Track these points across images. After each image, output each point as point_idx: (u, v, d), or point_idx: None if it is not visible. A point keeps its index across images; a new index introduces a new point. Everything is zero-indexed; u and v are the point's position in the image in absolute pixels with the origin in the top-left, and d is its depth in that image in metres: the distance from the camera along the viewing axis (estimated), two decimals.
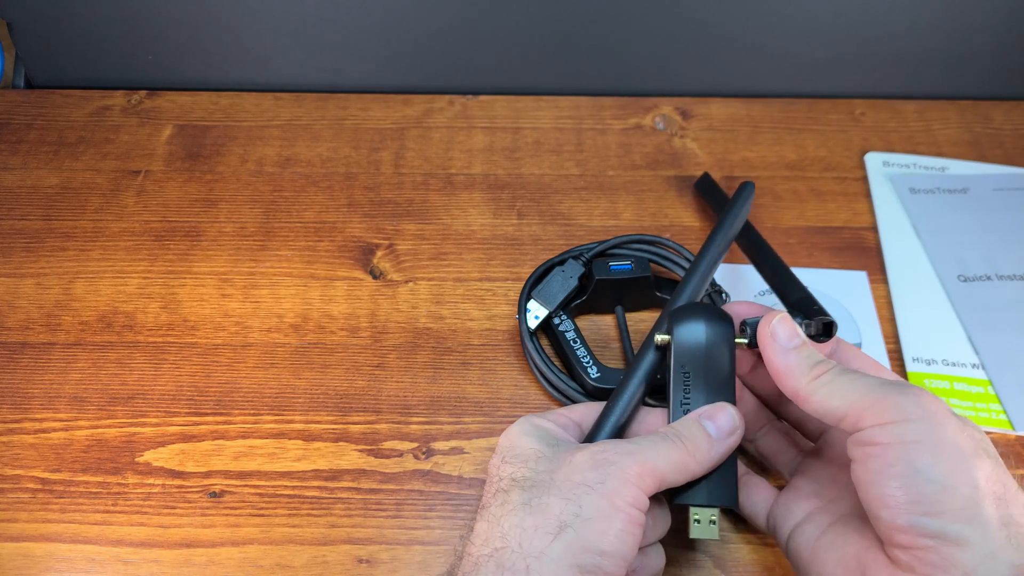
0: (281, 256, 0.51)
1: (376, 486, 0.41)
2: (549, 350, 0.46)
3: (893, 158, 0.57)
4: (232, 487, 0.41)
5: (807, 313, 0.38)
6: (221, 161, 0.56)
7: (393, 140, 0.57)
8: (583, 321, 0.48)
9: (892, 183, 0.55)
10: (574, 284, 0.46)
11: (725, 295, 0.46)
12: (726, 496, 0.35)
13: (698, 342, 0.36)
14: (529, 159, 0.56)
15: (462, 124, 0.58)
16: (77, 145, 0.56)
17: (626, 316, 0.48)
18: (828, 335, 0.37)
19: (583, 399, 0.43)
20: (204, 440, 0.43)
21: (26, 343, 0.46)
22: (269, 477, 0.41)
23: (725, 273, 0.50)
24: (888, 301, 0.49)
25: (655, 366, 0.38)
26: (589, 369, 0.43)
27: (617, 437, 0.36)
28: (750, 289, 0.49)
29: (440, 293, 0.49)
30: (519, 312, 0.45)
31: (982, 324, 0.47)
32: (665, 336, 0.37)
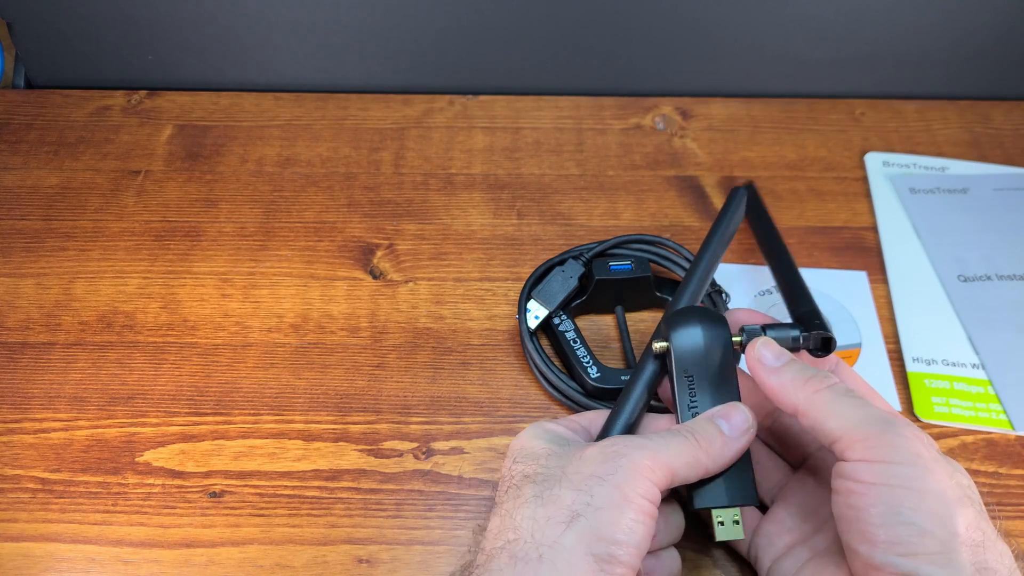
0: (281, 256, 0.51)
1: (376, 486, 0.41)
2: (549, 350, 0.46)
3: (893, 158, 0.57)
4: (232, 487, 0.41)
5: (808, 327, 0.37)
6: (221, 161, 0.56)
7: (393, 140, 0.57)
8: (583, 321, 0.48)
9: (892, 183, 0.55)
10: (574, 284, 0.46)
11: (726, 295, 0.46)
12: (746, 495, 0.35)
13: (696, 345, 0.36)
14: (529, 159, 0.56)
15: (462, 124, 0.58)
16: (77, 145, 0.56)
17: (626, 316, 0.48)
18: (826, 351, 0.37)
19: (583, 399, 0.43)
20: (204, 440, 0.43)
21: (26, 343, 0.46)
22: (269, 477, 0.41)
23: (725, 273, 0.50)
24: (888, 301, 0.49)
25: (660, 368, 0.38)
26: (589, 369, 0.43)
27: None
28: (750, 289, 0.49)
29: (440, 293, 0.49)
30: (519, 312, 0.45)
31: (982, 324, 0.47)
32: (663, 343, 0.37)
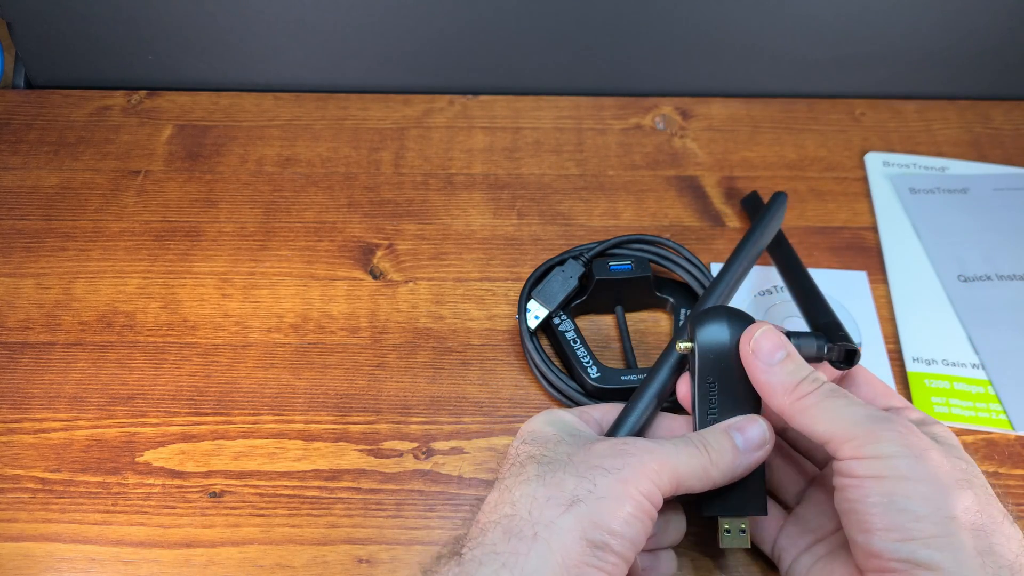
0: (281, 256, 0.51)
1: (376, 486, 0.41)
2: (549, 350, 0.46)
3: (893, 158, 0.57)
4: (232, 487, 0.41)
5: (831, 338, 0.36)
6: (221, 161, 0.56)
7: (393, 140, 0.57)
8: (583, 321, 0.48)
9: (892, 183, 0.55)
10: (574, 284, 0.46)
11: None
12: (756, 506, 0.35)
13: (722, 347, 0.35)
14: (529, 159, 0.56)
15: (462, 124, 0.58)
16: (77, 145, 0.56)
17: (626, 316, 0.48)
18: (849, 364, 0.36)
19: (583, 399, 0.43)
20: (204, 440, 0.43)
21: (26, 343, 0.46)
22: (269, 477, 0.41)
23: None
24: (888, 301, 0.49)
25: (677, 369, 0.37)
26: (589, 369, 0.43)
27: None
28: (750, 289, 0.49)
29: (440, 293, 0.49)
30: (519, 312, 0.45)
31: (982, 324, 0.47)
32: (688, 343, 0.36)
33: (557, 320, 0.45)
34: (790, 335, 0.36)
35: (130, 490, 0.41)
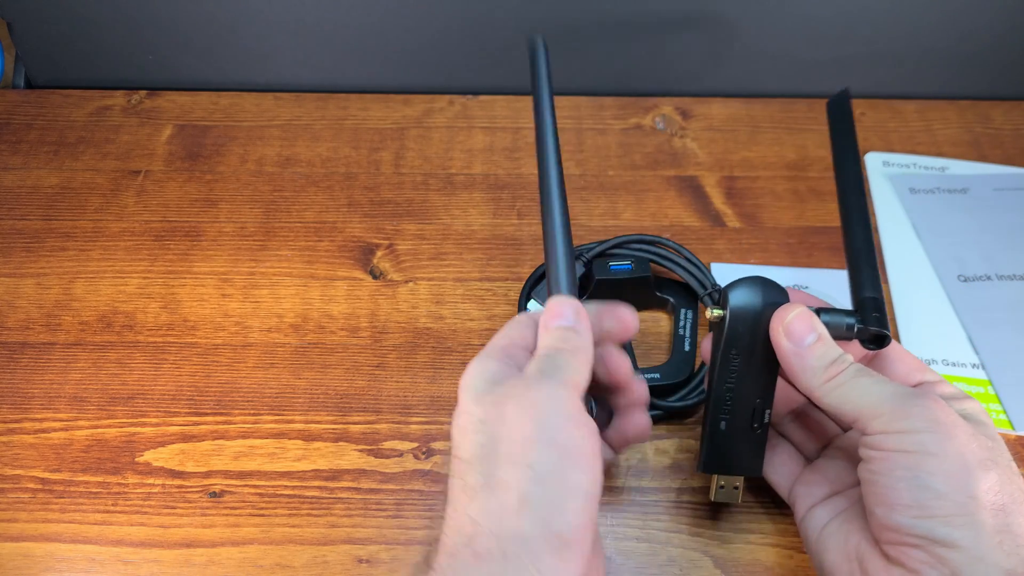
0: (281, 256, 0.51)
1: (376, 486, 0.41)
2: None
3: (893, 158, 0.57)
4: (232, 487, 0.41)
5: (865, 317, 0.35)
6: (221, 161, 0.56)
7: (393, 140, 0.57)
8: None
9: (892, 183, 0.55)
10: None
11: None
12: (752, 466, 0.37)
13: (753, 320, 0.35)
14: (529, 159, 0.56)
15: (462, 124, 0.58)
16: (77, 145, 0.57)
17: None
18: (879, 346, 0.36)
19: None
20: (204, 440, 0.43)
21: (26, 343, 0.46)
22: (269, 477, 0.41)
23: (727, 273, 0.50)
24: (888, 301, 0.49)
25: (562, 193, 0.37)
26: None
27: (576, 289, 0.35)
28: None
29: (440, 293, 0.49)
30: (519, 312, 0.45)
31: (982, 324, 0.47)
32: (719, 311, 0.35)
33: None
34: (821, 312, 0.35)
35: (130, 490, 0.41)
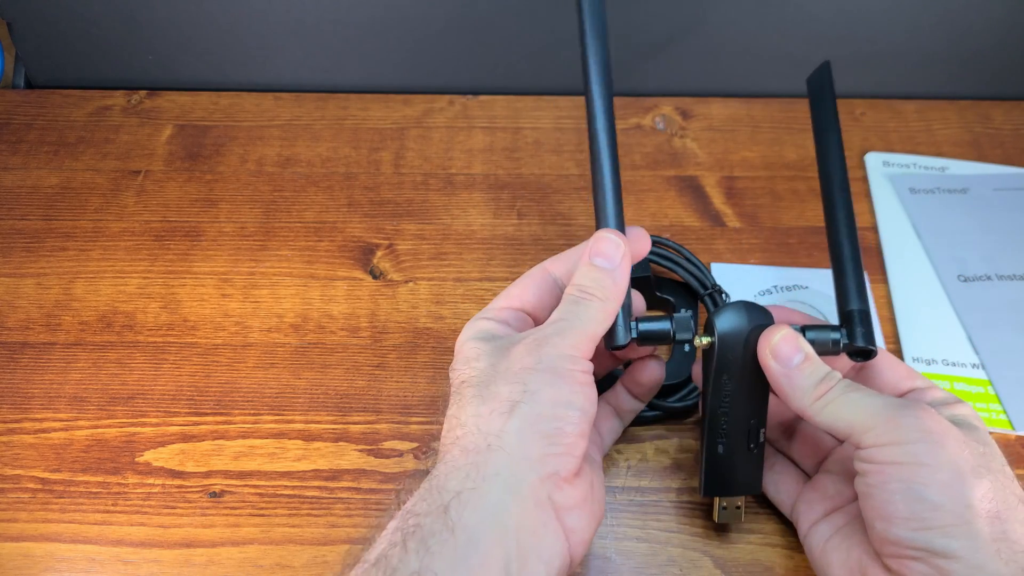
0: (281, 256, 0.51)
1: (376, 486, 0.41)
2: None
3: (893, 158, 0.57)
4: (232, 487, 0.41)
5: (852, 332, 0.36)
6: (221, 161, 0.56)
7: (393, 140, 0.57)
8: None
9: (892, 183, 0.55)
10: None
11: (725, 296, 0.46)
12: (753, 486, 0.38)
13: (740, 344, 0.35)
14: (529, 159, 0.56)
15: (462, 124, 0.58)
16: (77, 145, 0.56)
17: None
18: (866, 358, 0.37)
19: None
20: (204, 440, 0.43)
21: (26, 343, 0.46)
22: (269, 477, 0.41)
23: (725, 273, 0.50)
24: (888, 301, 0.49)
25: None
26: None
27: (622, 223, 0.37)
28: (750, 289, 0.49)
29: (440, 293, 0.49)
30: None
31: (982, 324, 0.47)
32: (708, 339, 0.36)
33: None
34: (807, 329, 0.36)
35: (130, 490, 0.41)
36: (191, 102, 0.59)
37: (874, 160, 0.57)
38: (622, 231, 0.36)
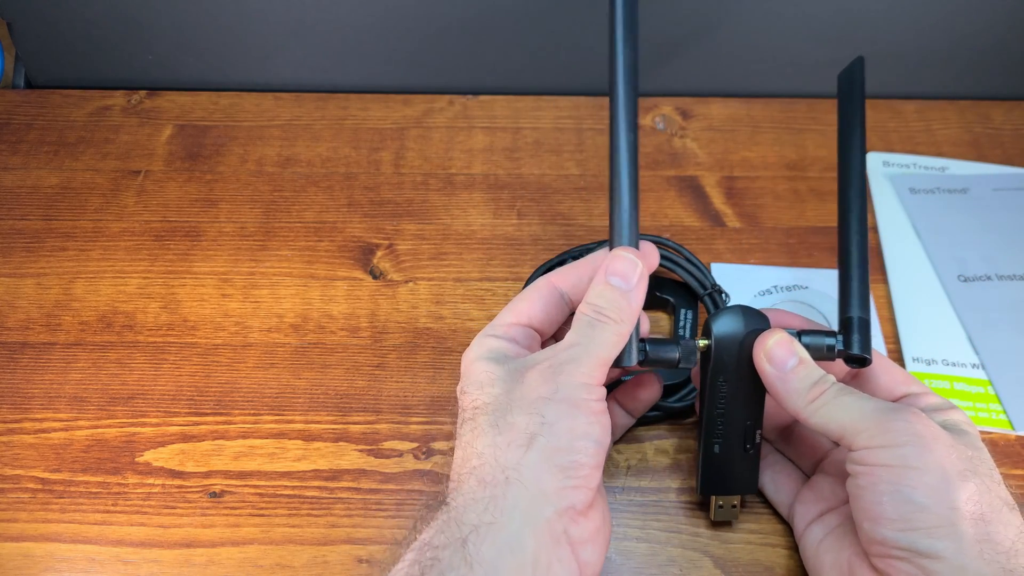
0: (281, 256, 0.51)
1: (376, 486, 0.41)
2: None
3: (893, 158, 0.57)
4: (232, 487, 0.41)
5: (848, 339, 0.36)
6: (221, 161, 0.56)
7: (393, 140, 0.57)
8: None
9: (892, 183, 0.55)
10: None
11: (725, 295, 0.46)
12: (749, 485, 0.38)
13: (736, 347, 0.36)
14: (529, 159, 0.56)
15: (462, 124, 0.58)
16: (77, 145, 0.56)
17: None
18: (861, 365, 0.37)
19: None
20: (204, 440, 0.43)
21: (26, 343, 0.46)
22: (269, 477, 0.41)
23: (725, 273, 0.50)
24: (888, 301, 0.49)
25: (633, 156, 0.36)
26: None
27: (637, 239, 0.36)
28: (750, 289, 0.49)
29: (440, 293, 0.49)
30: None
31: (982, 324, 0.47)
32: (704, 341, 0.36)
33: None
34: (802, 334, 0.36)
35: (130, 490, 0.41)
36: (191, 102, 0.59)
37: (874, 160, 0.57)
38: (637, 247, 0.36)
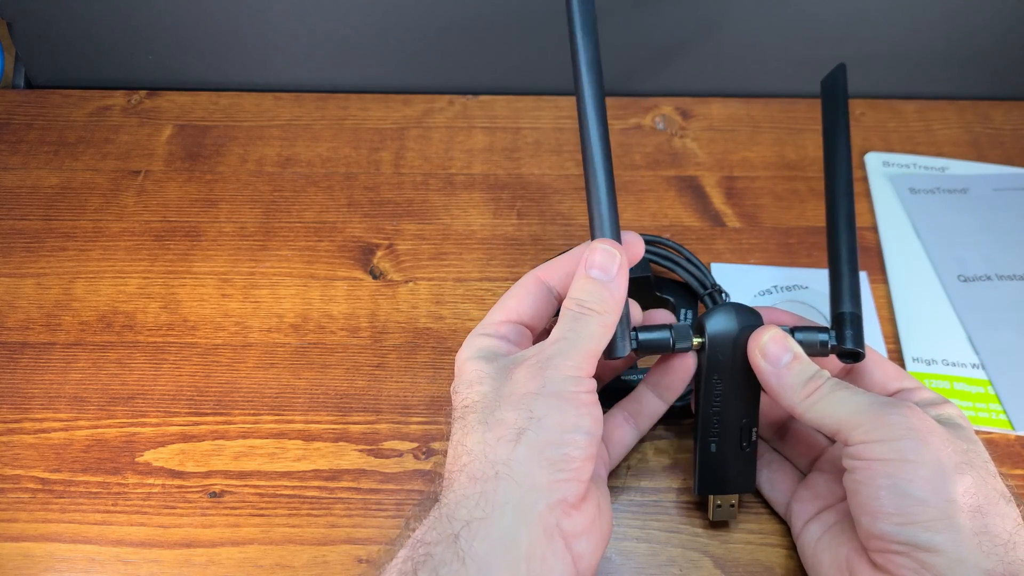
0: (281, 256, 0.51)
1: (376, 486, 0.41)
2: None
3: (893, 158, 0.57)
4: (232, 487, 0.41)
5: (840, 334, 0.36)
6: (221, 161, 0.56)
7: (393, 140, 0.57)
8: None
9: (892, 183, 0.55)
10: None
11: (725, 295, 0.46)
12: (746, 484, 0.38)
13: (730, 344, 0.36)
14: (529, 159, 0.56)
15: (462, 124, 0.58)
16: (77, 145, 0.57)
17: None
18: (855, 360, 0.37)
19: None
20: (204, 440, 0.43)
21: (26, 343, 0.46)
22: (269, 477, 0.41)
23: (725, 273, 0.50)
24: (888, 301, 0.49)
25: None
26: None
27: (617, 231, 0.36)
28: (749, 289, 0.49)
29: (440, 293, 0.49)
30: None
31: (982, 324, 0.47)
32: (699, 339, 0.36)
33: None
34: (796, 330, 0.36)
35: (130, 490, 0.41)
36: (191, 102, 0.59)
37: (874, 160, 0.57)
38: (617, 238, 0.36)
